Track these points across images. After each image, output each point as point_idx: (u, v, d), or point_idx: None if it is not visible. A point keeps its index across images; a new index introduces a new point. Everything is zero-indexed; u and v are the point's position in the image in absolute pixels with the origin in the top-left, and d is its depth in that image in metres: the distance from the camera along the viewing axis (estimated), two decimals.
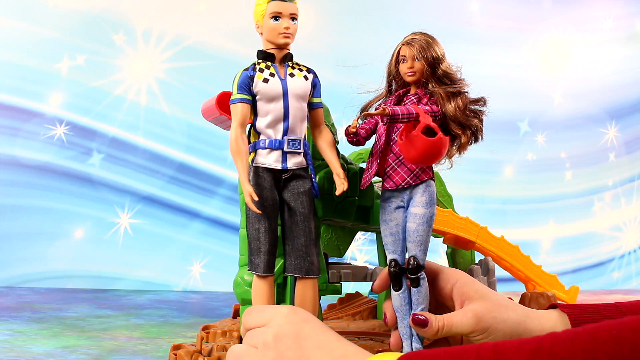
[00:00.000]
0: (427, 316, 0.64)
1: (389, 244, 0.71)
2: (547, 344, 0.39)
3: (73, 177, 2.36)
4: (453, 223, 1.30)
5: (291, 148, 0.74)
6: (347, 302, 1.43)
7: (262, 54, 0.76)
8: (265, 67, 0.74)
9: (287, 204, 0.74)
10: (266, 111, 0.74)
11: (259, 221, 0.73)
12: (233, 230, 2.47)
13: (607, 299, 1.17)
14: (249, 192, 0.70)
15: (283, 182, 0.74)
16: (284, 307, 0.56)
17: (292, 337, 0.52)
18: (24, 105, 2.32)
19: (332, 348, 0.50)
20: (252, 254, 0.74)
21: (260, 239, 0.73)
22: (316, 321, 0.54)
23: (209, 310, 1.80)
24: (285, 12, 0.74)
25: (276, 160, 0.74)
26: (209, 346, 0.96)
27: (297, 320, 0.53)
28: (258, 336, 0.54)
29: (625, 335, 0.36)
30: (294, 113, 0.74)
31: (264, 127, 0.74)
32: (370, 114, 0.70)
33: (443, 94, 0.71)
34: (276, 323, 0.53)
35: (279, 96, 0.73)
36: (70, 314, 1.55)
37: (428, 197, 0.70)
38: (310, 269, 0.74)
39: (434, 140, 0.66)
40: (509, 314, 0.62)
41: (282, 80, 0.74)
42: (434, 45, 0.72)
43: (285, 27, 0.73)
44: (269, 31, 0.74)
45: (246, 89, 0.73)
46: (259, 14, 0.75)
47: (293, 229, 0.74)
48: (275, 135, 0.74)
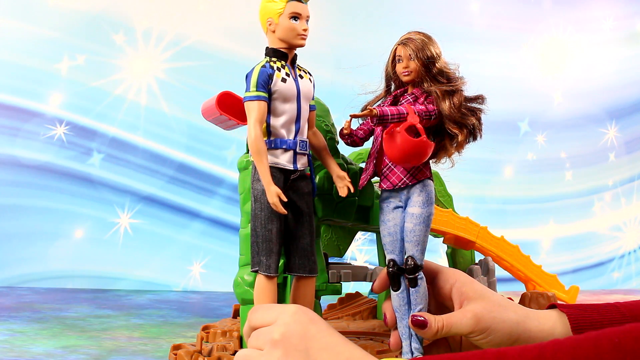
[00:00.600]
0: (426, 317, 0.63)
1: (387, 244, 0.71)
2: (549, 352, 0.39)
3: (73, 177, 2.36)
4: (453, 223, 1.30)
5: (301, 149, 0.74)
6: (347, 302, 1.43)
7: (276, 52, 0.74)
8: (281, 67, 0.74)
9: (294, 203, 0.74)
10: (282, 111, 0.73)
11: (271, 222, 0.72)
12: (233, 230, 2.47)
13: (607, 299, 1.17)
14: (277, 193, 0.69)
15: (290, 182, 0.74)
16: (292, 306, 0.56)
17: (299, 337, 0.51)
18: (24, 105, 2.32)
19: (338, 351, 0.50)
20: (262, 254, 0.72)
21: (272, 239, 0.72)
22: (323, 322, 0.54)
23: (209, 310, 1.80)
24: (304, 14, 0.73)
25: (289, 160, 0.73)
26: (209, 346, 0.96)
27: (304, 320, 0.53)
28: (265, 335, 0.54)
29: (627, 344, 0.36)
30: (304, 114, 0.75)
31: (279, 126, 0.73)
32: (357, 115, 0.70)
33: (439, 92, 0.71)
34: (283, 321, 0.53)
35: (293, 97, 0.73)
36: (70, 314, 1.55)
37: (425, 197, 0.70)
38: (313, 269, 0.74)
39: (416, 141, 0.66)
40: (508, 314, 0.62)
41: (295, 81, 0.74)
42: (429, 45, 0.72)
43: (304, 28, 0.73)
44: (287, 31, 0.73)
45: (265, 87, 0.72)
46: (274, 12, 0.73)
47: (298, 228, 0.74)
48: (288, 135, 0.73)
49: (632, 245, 3.15)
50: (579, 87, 3.08)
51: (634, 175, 3.19)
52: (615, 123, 3.14)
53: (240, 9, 2.43)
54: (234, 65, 2.45)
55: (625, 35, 3.18)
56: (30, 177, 2.31)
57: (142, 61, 2.45)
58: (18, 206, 2.30)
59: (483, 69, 2.77)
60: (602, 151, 3.13)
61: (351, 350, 0.50)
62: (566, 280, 1.62)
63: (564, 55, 3.08)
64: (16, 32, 2.32)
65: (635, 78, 3.19)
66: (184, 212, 2.48)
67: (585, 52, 3.11)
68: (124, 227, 2.40)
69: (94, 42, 2.40)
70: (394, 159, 0.68)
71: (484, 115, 0.73)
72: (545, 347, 0.40)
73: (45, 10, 2.34)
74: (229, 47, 2.51)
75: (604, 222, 3.11)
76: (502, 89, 2.81)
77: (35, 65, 2.34)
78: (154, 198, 2.44)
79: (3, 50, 2.31)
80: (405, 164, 0.69)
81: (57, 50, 2.36)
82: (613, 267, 3.09)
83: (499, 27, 2.94)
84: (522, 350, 0.40)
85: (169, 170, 2.46)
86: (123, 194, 2.41)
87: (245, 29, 2.36)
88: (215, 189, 2.51)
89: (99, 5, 2.41)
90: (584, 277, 2.96)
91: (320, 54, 2.51)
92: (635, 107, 3.19)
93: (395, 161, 0.69)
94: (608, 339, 0.37)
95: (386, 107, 0.69)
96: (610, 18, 3.15)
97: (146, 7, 2.47)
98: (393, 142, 0.67)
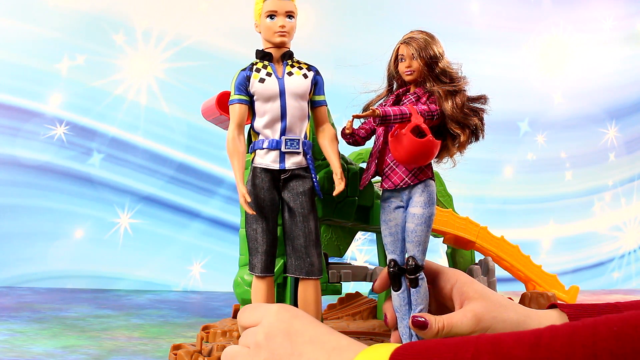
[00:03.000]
0: (427, 318, 0.63)
1: (388, 244, 0.71)
2: (546, 338, 0.38)
3: (73, 177, 2.36)
4: (453, 223, 1.30)
5: (289, 148, 0.73)
6: (347, 302, 1.43)
7: (260, 53, 0.75)
8: (263, 67, 0.74)
9: (287, 204, 0.74)
10: (263, 111, 0.73)
11: (256, 222, 0.73)
12: (233, 230, 2.47)
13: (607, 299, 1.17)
14: (242, 193, 0.70)
15: (282, 182, 0.74)
16: (274, 306, 0.56)
17: (282, 335, 0.52)
18: (24, 105, 2.32)
19: (324, 341, 0.50)
20: (250, 254, 0.74)
21: (257, 239, 0.73)
22: (306, 316, 0.54)
23: (209, 310, 1.80)
24: (281, 10, 0.73)
25: (274, 160, 0.73)
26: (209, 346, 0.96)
27: (287, 318, 0.53)
28: (250, 336, 0.54)
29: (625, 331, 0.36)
30: (292, 112, 0.73)
31: (262, 127, 0.73)
32: (360, 116, 0.70)
33: (441, 92, 0.70)
34: (267, 322, 0.53)
35: (275, 96, 0.73)
36: (70, 314, 1.55)
37: (427, 197, 0.70)
38: (311, 270, 0.73)
39: (422, 141, 0.65)
40: (508, 314, 0.62)
41: (279, 80, 0.73)
42: (432, 44, 0.71)
43: (281, 25, 0.73)
44: (265, 30, 0.74)
45: (243, 90, 0.73)
46: (256, 13, 0.74)
47: (293, 229, 0.73)
48: (272, 135, 0.73)
49: (632, 245, 3.15)
50: (579, 87, 3.08)
51: (634, 175, 3.19)
52: (615, 123, 3.14)
53: (240, 9, 2.43)
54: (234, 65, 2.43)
55: (625, 35, 3.18)
56: (30, 177, 2.31)
57: (142, 61, 2.45)
58: (18, 206, 2.30)
59: (483, 69, 2.77)
60: (602, 151, 3.13)
61: (337, 340, 0.50)
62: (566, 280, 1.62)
63: (564, 55, 3.08)
64: (16, 32, 2.32)
65: (635, 78, 3.19)
66: (184, 212, 2.48)
67: (585, 52, 3.11)
68: (124, 227, 2.40)
69: (94, 42, 2.40)
70: (401, 160, 0.68)
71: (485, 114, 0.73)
72: (542, 332, 0.39)
73: (45, 10, 2.34)
74: (229, 47, 2.50)
75: (604, 222, 3.11)
76: (502, 89, 2.81)
77: (35, 65, 2.34)
78: (154, 198, 2.44)
79: (3, 50, 2.31)
80: (413, 165, 0.69)
81: (57, 50, 2.36)
82: (613, 267, 3.09)
83: (499, 27, 2.94)
84: (518, 335, 0.40)
85: (169, 170, 2.46)
86: (123, 194, 2.41)
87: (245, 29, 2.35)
88: (215, 189, 2.51)
89: (99, 5, 2.41)
90: (584, 277, 2.96)
91: (320, 54, 2.51)
92: (635, 107, 3.19)
93: (402, 163, 0.68)
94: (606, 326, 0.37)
95: (389, 107, 0.69)
96: (610, 18, 3.15)
97: (146, 7, 2.47)
98: (399, 144, 0.66)
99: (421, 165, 0.70)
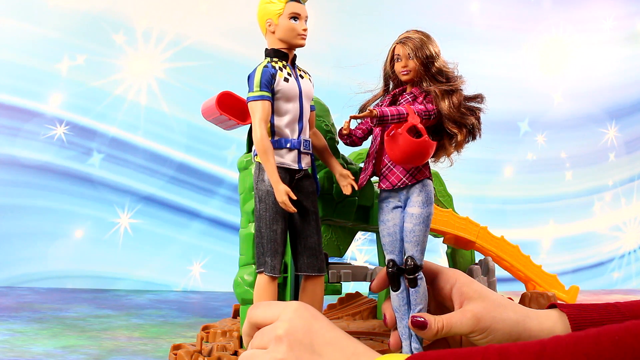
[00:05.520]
0: (426, 318, 0.63)
1: (387, 244, 0.71)
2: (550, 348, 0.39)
3: (73, 177, 2.36)
4: (453, 223, 1.30)
5: (305, 149, 0.74)
6: (347, 302, 1.43)
7: (277, 52, 0.74)
8: (283, 67, 0.74)
9: (300, 203, 0.73)
10: (285, 110, 0.73)
11: (276, 222, 0.71)
12: (233, 230, 2.47)
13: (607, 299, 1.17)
14: (286, 191, 0.68)
15: (295, 182, 0.74)
16: (294, 303, 0.56)
17: (303, 332, 0.52)
18: (24, 105, 2.32)
19: (342, 346, 0.51)
20: (267, 255, 0.72)
21: (277, 240, 0.71)
22: (324, 318, 0.55)
23: (209, 310, 1.80)
24: (303, 14, 0.74)
25: (293, 160, 0.73)
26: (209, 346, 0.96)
27: (307, 316, 0.53)
28: (269, 332, 0.53)
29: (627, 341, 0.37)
30: (306, 114, 0.75)
31: (283, 126, 0.73)
32: (357, 117, 0.70)
33: (438, 91, 0.70)
34: (287, 317, 0.53)
35: (296, 96, 0.73)
36: (70, 314, 1.55)
37: (424, 197, 0.70)
38: (322, 267, 0.75)
39: (418, 141, 0.65)
40: (508, 313, 0.62)
41: (297, 81, 0.74)
42: (428, 44, 0.71)
43: (304, 28, 0.74)
44: (287, 31, 0.73)
45: (268, 87, 0.72)
46: (273, 13, 0.73)
47: (305, 227, 0.74)
48: (292, 135, 0.73)
49: (632, 245, 3.15)
50: (579, 87, 3.08)
51: (634, 175, 3.19)
52: (615, 123, 3.14)
53: (240, 9, 2.43)
54: (234, 65, 2.45)
55: (625, 35, 3.18)
56: (30, 177, 2.31)
57: (142, 61, 2.45)
58: (18, 206, 2.30)
59: (483, 69, 2.77)
60: (602, 151, 3.13)
61: (355, 346, 0.51)
62: (566, 280, 1.62)
63: (564, 55, 3.08)
64: (16, 32, 2.32)
65: (635, 78, 3.19)
66: (184, 212, 2.48)
67: (585, 52, 3.11)
68: (124, 227, 2.40)
69: (94, 42, 2.40)
70: (397, 160, 0.68)
71: (483, 115, 0.73)
72: (547, 343, 0.40)
73: (45, 10, 2.34)
74: (229, 47, 2.50)
75: (604, 222, 3.11)
76: (502, 89, 2.81)
77: (35, 65, 2.34)
78: (154, 198, 2.44)
79: (3, 50, 2.31)
80: (408, 165, 0.69)
81: (57, 50, 2.36)
82: (613, 267, 3.09)
83: (499, 27, 2.94)
84: (524, 346, 0.41)
85: (169, 170, 2.46)
86: (123, 194, 2.41)
87: (245, 29, 2.36)
88: (215, 189, 2.51)
89: (99, 5, 2.41)
90: (584, 277, 2.96)
91: (319, 54, 2.51)
92: (635, 107, 3.19)
93: (398, 162, 0.68)
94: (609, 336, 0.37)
95: (386, 107, 0.69)
96: (610, 18, 3.15)
97: (146, 7, 2.47)
98: (395, 144, 0.66)
99: (417, 165, 0.70)
